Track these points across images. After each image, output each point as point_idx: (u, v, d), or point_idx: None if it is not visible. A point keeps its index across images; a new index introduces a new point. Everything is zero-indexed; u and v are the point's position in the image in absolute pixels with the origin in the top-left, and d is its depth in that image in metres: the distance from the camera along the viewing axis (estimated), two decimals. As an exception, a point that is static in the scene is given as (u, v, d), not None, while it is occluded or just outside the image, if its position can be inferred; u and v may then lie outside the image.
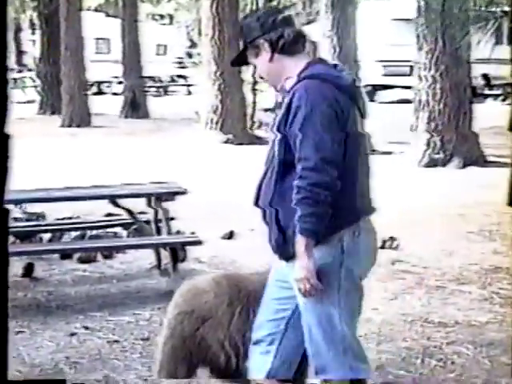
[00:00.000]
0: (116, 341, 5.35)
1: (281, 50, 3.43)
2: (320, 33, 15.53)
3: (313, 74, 3.37)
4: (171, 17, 44.67)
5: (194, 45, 31.23)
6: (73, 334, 5.47)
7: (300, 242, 3.31)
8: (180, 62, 34.96)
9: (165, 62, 34.64)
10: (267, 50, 3.45)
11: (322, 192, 3.25)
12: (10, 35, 42.55)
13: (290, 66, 3.44)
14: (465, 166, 12.83)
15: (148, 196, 6.94)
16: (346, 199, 3.33)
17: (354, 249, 3.39)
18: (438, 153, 12.99)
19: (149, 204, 6.95)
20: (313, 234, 3.30)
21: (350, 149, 3.34)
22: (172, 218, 7.05)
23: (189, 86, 31.07)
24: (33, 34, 32.78)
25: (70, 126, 19.81)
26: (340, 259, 3.38)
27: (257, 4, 18.66)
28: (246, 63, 3.61)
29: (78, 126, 19.62)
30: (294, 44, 3.46)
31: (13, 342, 5.28)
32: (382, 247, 7.67)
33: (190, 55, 36.85)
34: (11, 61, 40.83)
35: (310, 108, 3.27)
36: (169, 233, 6.87)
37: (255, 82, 18.03)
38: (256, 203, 3.60)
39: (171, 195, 6.88)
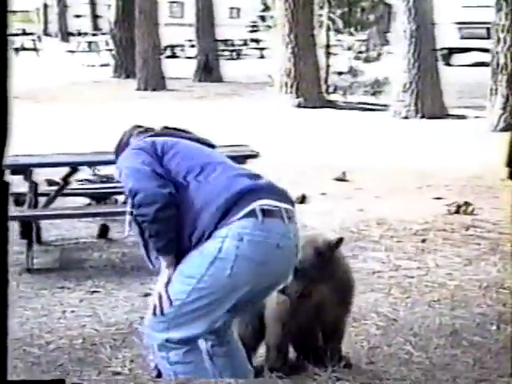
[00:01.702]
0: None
1: None
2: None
3: None
4: (245, -21, 44.52)
5: (267, 8, 30.91)
6: (147, 295, 5.53)
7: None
8: (253, 26, 34.83)
9: (238, 25, 34.58)
10: None
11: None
12: (86, -1, 42.99)
13: None
14: (543, 130, 12.56)
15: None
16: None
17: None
18: (515, 117, 12.73)
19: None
20: (159, 252, 3.40)
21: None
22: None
23: (262, 49, 30.96)
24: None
25: (145, 89, 19.95)
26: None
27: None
28: None
29: (154, 90, 19.76)
30: None
31: (88, 301, 5.39)
32: (457, 212, 7.60)
33: (263, 18, 36.65)
34: (87, 25, 41.25)
35: None
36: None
37: (328, 46, 17.88)
38: None
39: (243, 158, 6.88)
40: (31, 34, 34.96)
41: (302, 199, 8.23)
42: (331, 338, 4.17)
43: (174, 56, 29.60)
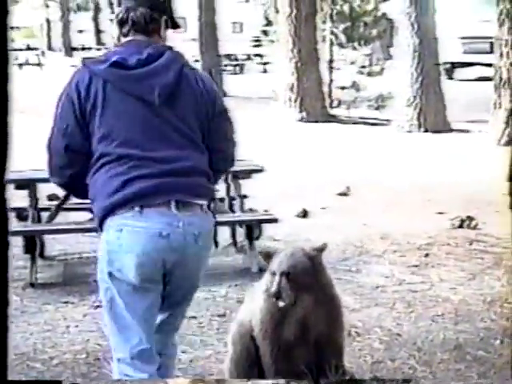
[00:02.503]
0: (193, 316, 5.39)
1: None
2: (398, 10, 15.33)
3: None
4: (248, -6, 44.67)
5: (269, 23, 31.04)
6: (150, 310, 5.54)
7: None
8: (256, 40, 34.94)
9: (241, 40, 34.64)
10: None
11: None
12: (90, 15, 43.16)
13: None
14: (546, 144, 12.56)
15: (225, 174, 6.96)
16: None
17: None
18: (518, 131, 12.73)
19: (225, 181, 6.98)
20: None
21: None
22: (245, 196, 7.06)
23: (265, 64, 31.02)
24: (112, 13, 33.11)
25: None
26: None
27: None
28: None
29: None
30: None
31: (92, 316, 5.39)
32: (460, 226, 7.60)
33: (265, 33, 36.75)
34: (90, 40, 41.39)
35: None
36: (243, 210, 6.89)
37: (332, 60, 17.93)
38: None
39: (248, 173, 6.90)
40: (35, 49, 35.06)
41: (304, 214, 8.23)
42: (329, 355, 4.12)
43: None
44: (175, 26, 3.47)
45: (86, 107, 3.16)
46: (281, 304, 3.88)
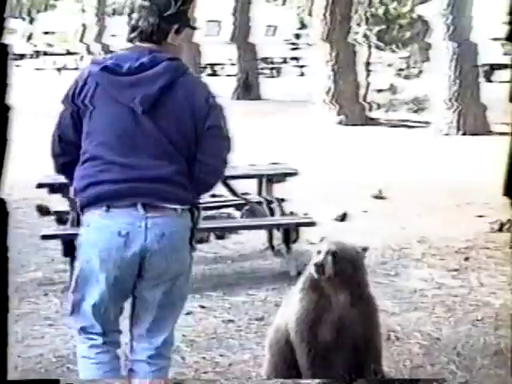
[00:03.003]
0: (231, 320, 5.41)
1: None
2: (434, 11, 15.23)
3: None
4: (285, -2, 44.70)
5: (303, 26, 31.00)
6: (189, 313, 5.55)
7: None
8: (293, 43, 34.92)
9: (274, 43, 34.61)
10: None
11: None
12: (124, 19, 43.37)
13: None
14: None
15: (259, 177, 6.98)
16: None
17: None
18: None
19: (260, 185, 6.99)
20: None
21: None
22: (282, 200, 7.06)
23: (302, 67, 30.99)
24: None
25: (184, 107, 20.09)
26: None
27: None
28: None
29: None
30: None
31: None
32: (500, 230, 7.52)
33: (298, 36, 36.70)
34: (124, 44, 41.63)
35: None
36: (282, 214, 6.89)
37: (368, 63, 17.87)
38: None
39: (282, 176, 6.91)
40: (74, 53, 35.35)
41: (343, 217, 8.20)
42: (367, 358, 4.10)
43: (214, 74, 29.74)
44: (191, 27, 3.57)
45: (79, 103, 3.36)
46: (322, 277, 3.89)
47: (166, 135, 3.32)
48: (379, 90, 17.88)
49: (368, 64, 17.78)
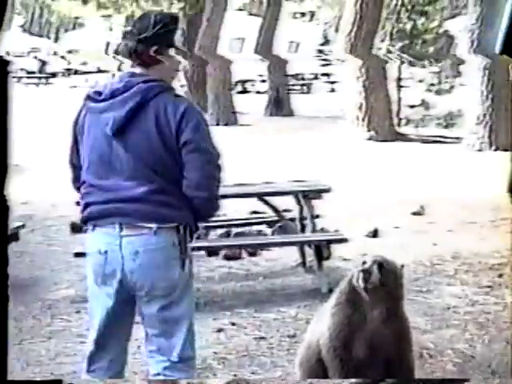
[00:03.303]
0: (262, 337, 5.39)
1: None
2: (462, 26, 15.17)
3: None
4: (312, 14, 44.75)
5: (327, 42, 31.01)
6: (220, 330, 5.55)
7: None
8: (325, 59, 34.94)
9: (304, 59, 34.60)
10: None
11: None
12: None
13: None
14: None
15: (295, 194, 6.98)
16: None
17: None
18: None
19: (297, 201, 6.99)
20: None
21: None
22: (317, 216, 7.06)
23: (332, 83, 30.98)
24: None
25: (217, 124, 20.11)
26: None
27: (401, -1, 18.39)
28: None
29: (225, 125, 19.91)
30: None
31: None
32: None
33: (321, 52, 36.68)
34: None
35: None
36: (313, 230, 6.88)
37: (400, 79, 17.82)
38: None
39: (317, 193, 6.90)
40: (106, 71, 35.64)
41: (375, 233, 8.17)
42: (400, 375, 4.07)
43: (244, 91, 29.82)
44: (175, 48, 3.60)
45: (76, 130, 3.59)
46: (368, 286, 3.89)
47: (138, 156, 3.43)
48: (411, 106, 17.81)
49: (399, 80, 17.72)
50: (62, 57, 40.17)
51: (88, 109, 3.53)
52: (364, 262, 3.97)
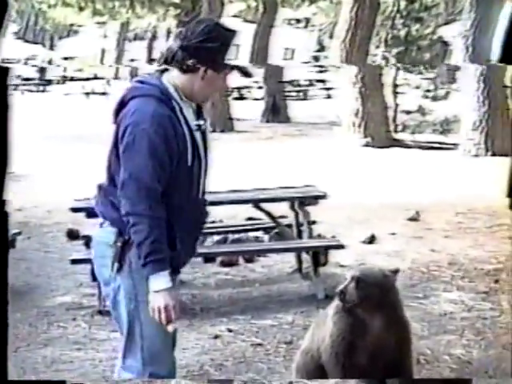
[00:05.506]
0: (259, 344, 5.39)
1: None
2: (457, 32, 15.19)
3: None
4: (308, 21, 44.82)
5: (322, 48, 31.03)
6: (217, 337, 5.55)
7: None
8: (320, 66, 34.99)
9: (299, 66, 34.65)
10: None
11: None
12: (145, 44, 43.71)
13: None
14: None
15: (291, 200, 6.98)
16: None
17: None
18: None
19: (292, 208, 6.98)
20: None
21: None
22: (314, 222, 7.06)
23: (328, 89, 31.01)
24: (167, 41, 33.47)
25: (213, 131, 20.08)
26: None
27: (398, 5, 18.40)
28: None
29: (222, 131, 19.90)
30: None
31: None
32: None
33: (316, 59, 36.72)
34: (145, 69, 41.96)
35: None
36: (310, 237, 6.88)
37: (396, 85, 17.84)
38: None
39: (313, 199, 6.90)
40: (102, 78, 35.64)
41: (371, 239, 8.16)
42: (398, 377, 4.06)
43: (241, 97, 29.83)
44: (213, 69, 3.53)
45: None
46: (346, 305, 3.90)
47: (107, 156, 3.45)
48: (408, 112, 17.83)
49: (395, 86, 17.74)
50: (58, 65, 40.17)
51: None
52: (345, 279, 3.96)
